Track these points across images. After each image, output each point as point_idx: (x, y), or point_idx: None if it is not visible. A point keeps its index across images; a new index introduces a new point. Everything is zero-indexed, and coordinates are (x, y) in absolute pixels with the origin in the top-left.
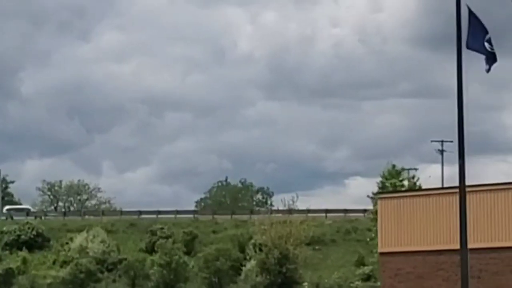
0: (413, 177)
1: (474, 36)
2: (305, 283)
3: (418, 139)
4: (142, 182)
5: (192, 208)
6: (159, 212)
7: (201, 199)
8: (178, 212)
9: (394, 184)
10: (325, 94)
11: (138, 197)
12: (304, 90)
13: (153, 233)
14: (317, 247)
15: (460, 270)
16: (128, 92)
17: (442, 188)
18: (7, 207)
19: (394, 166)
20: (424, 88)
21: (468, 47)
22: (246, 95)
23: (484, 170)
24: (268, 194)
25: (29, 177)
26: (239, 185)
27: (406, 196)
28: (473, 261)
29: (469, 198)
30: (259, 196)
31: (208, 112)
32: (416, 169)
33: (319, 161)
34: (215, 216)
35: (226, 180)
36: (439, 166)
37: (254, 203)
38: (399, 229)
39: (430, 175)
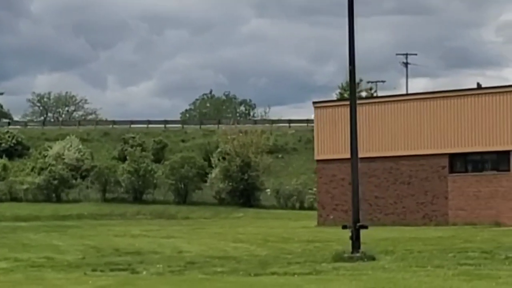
0: (370, 89)
1: None
2: (267, 190)
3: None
4: (144, 95)
5: (178, 118)
6: (132, 122)
7: (186, 110)
8: (149, 122)
9: None
10: (312, 12)
11: (142, 109)
12: (293, 8)
13: (125, 141)
14: (279, 156)
15: (391, 176)
16: (130, 10)
17: (373, 97)
18: None
19: None
20: (407, 5)
21: None
22: (239, 13)
23: (463, 83)
24: (250, 106)
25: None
26: (223, 97)
27: (340, 105)
28: (404, 167)
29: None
30: (242, 108)
31: (204, 29)
32: (383, 81)
33: (309, 75)
34: (185, 126)
35: (210, 93)
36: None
37: (237, 114)
38: (334, 138)
39: (395, 87)
